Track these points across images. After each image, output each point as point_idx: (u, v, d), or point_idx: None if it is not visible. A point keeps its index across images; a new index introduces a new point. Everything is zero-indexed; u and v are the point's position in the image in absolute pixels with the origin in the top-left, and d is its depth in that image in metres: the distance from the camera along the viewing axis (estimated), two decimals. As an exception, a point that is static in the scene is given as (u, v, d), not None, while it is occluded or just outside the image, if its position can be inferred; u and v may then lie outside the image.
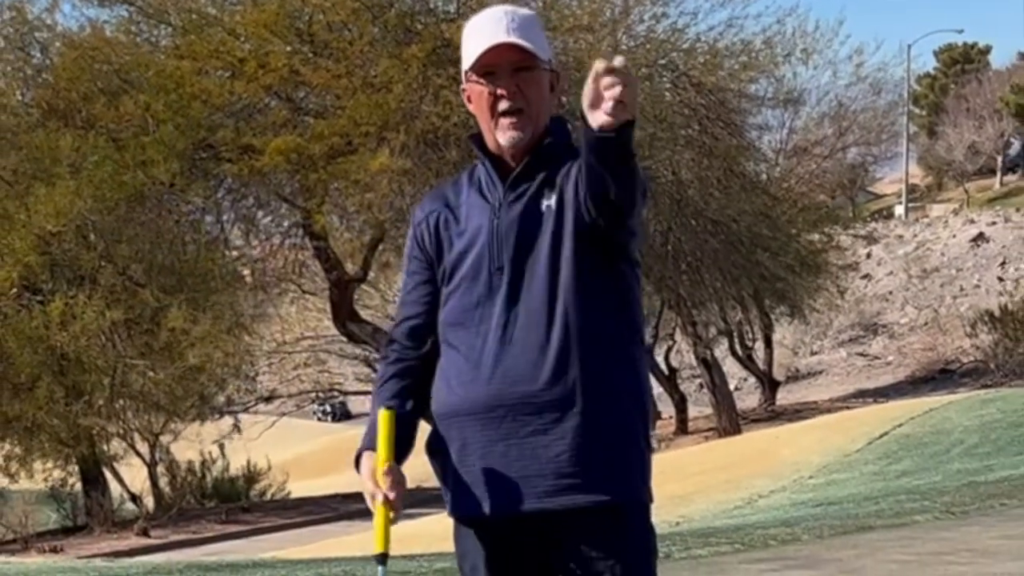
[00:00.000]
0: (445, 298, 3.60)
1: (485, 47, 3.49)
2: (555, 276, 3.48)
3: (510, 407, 3.46)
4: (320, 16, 28.03)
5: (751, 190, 33.46)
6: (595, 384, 3.47)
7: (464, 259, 3.56)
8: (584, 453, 3.47)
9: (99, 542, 25.62)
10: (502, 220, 3.53)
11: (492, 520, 3.53)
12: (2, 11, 29.10)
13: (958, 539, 10.42)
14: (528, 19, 3.60)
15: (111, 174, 26.94)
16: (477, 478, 3.52)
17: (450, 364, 3.58)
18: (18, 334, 26.30)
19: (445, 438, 3.58)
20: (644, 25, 30.55)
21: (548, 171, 3.55)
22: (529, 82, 3.53)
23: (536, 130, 3.54)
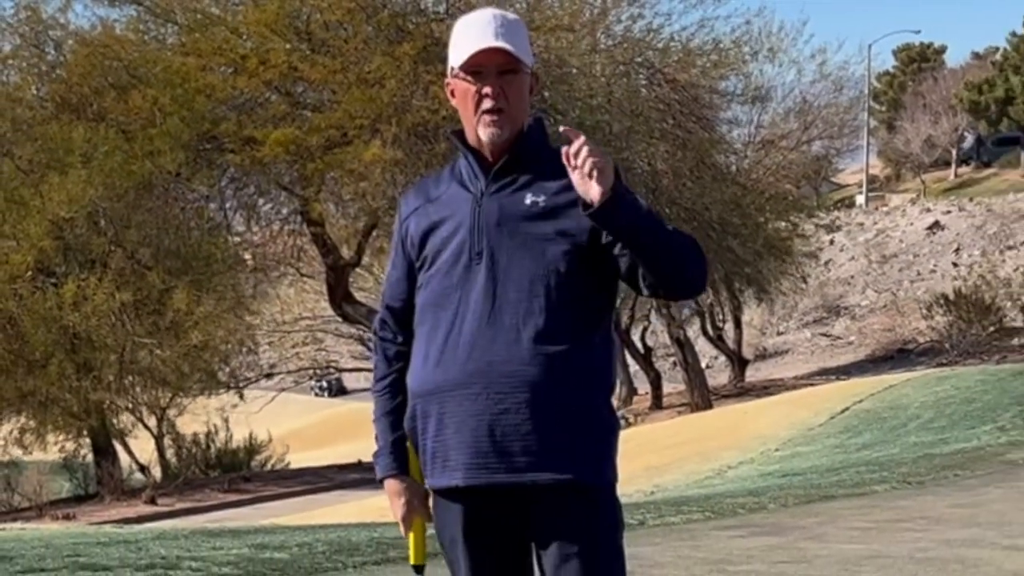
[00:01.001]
0: (425, 281, 3.59)
1: (474, 50, 3.49)
2: (536, 265, 3.47)
3: (484, 385, 3.45)
4: (317, 15, 27.99)
5: (722, 180, 33.49)
6: (566, 368, 3.46)
7: (446, 245, 3.55)
8: (552, 432, 3.46)
9: (109, 509, 25.59)
10: (483, 209, 3.52)
11: (466, 490, 3.52)
12: (18, 11, 29.03)
13: (914, 508, 10.43)
14: (515, 24, 3.58)
15: (121, 164, 26.91)
16: (452, 450, 3.51)
17: (428, 342, 3.56)
18: (33, 314, 26.26)
19: (422, 413, 3.57)
20: (621, 25, 30.55)
21: (528, 166, 3.54)
22: (512, 84, 3.52)
23: (515, 128, 3.54)
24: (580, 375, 3.50)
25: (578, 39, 28.42)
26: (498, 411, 3.46)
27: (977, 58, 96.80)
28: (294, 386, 48.04)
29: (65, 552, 8.85)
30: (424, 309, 3.60)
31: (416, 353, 3.61)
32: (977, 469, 13.29)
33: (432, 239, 3.59)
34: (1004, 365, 31.73)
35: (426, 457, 3.60)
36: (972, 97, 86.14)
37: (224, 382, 31.71)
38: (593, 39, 29.22)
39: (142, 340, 26.81)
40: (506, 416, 3.45)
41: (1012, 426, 17.51)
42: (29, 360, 26.66)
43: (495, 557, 3.60)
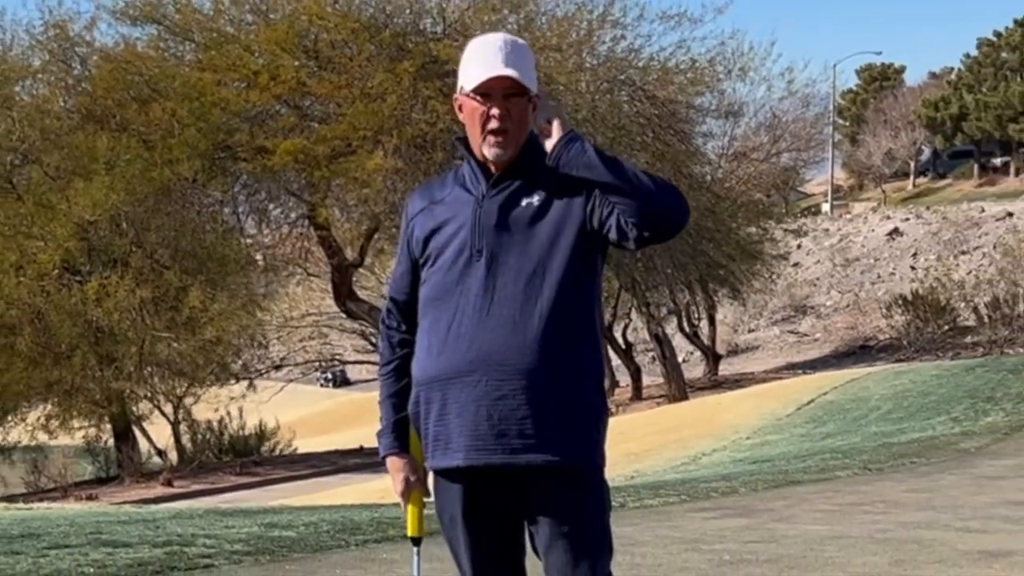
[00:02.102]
0: (428, 276, 3.60)
1: (485, 77, 3.51)
2: (532, 261, 3.48)
3: (483, 373, 3.45)
4: (324, 35, 27.98)
5: (697, 189, 33.46)
6: (560, 358, 3.46)
7: (448, 244, 3.56)
8: (547, 418, 3.46)
9: (129, 491, 25.57)
10: (484, 210, 3.53)
11: (465, 470, 3.52)
12: (47, 28, 29.03)
13: (874, 492, 10.45)
14: (523, 51, 3.60)
15: (141, 171, 26.91)
16: (453, 434, 3.51)
17: (431, 333, 3.57)
18: (59, 309, 26.24)
19: (426, 399, 3.57)
20: (605, 46, 30.57)
21: (528, 174, 3.55)
22: (517, 107, 3.54)
23: (516, 147, 3.56)
24: (573, 364, 3.50)
25: (565, 58, 28.44)
26: (496, 397, 3.46)
27: (934, 78, 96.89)
28: (301, 377, 48.10)
29: (88, 530, 8.84)
30: (427, 303, 3.60)
31: (420, 344, 3.62)
32: (932, 457, 13.30)
33: (436, 238, 3.59)
34: (957, 361, 31.76)
35: (428, 440, 3.59)
36: (929, 113, 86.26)
37: (236, 373, 31.73)
38: (579, 58, 29.23)
39: (160, 334, 26.79)
40: (503, 402, 3.45)
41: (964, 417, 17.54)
42: (55, 352, 26.63)
43: (492, 535, 3.60)
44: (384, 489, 17.66)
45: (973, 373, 22.74)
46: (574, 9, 29.69)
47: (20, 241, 26.74)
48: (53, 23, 28.99)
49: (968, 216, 58.61)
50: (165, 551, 7.63)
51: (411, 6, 28.49)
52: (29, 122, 28.26)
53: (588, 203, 3.50)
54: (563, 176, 3.50)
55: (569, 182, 3.50)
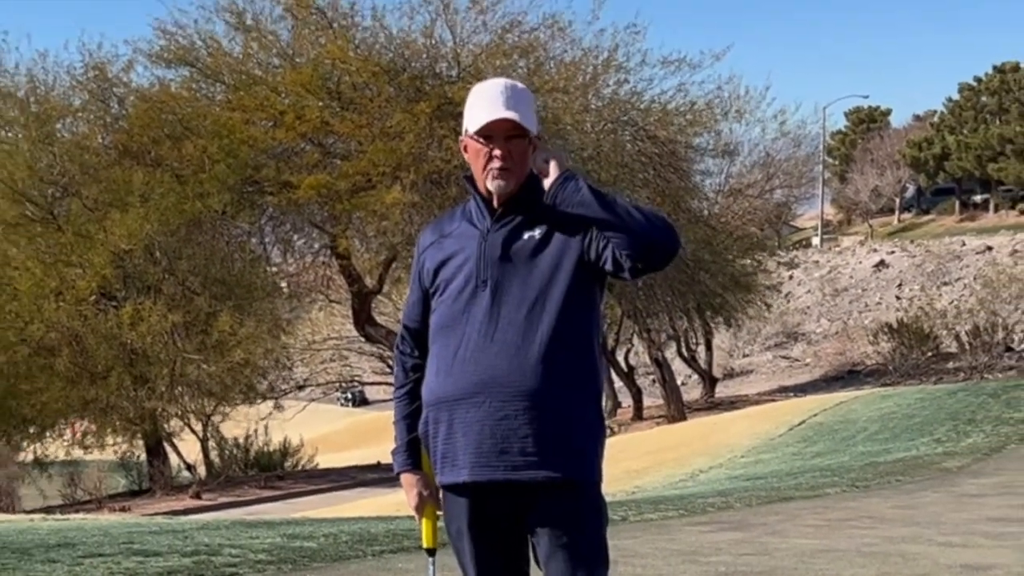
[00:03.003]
0: (437, 305, 3.62)
1: (487, 120, 3.54)
2: (533, 290, 3.49)
3: (488, 395, 3.46)
4: (347, 77, 28.07)
5: (695, 223, 33.48)
6: (560, 382, 3.47)
7: (456, 275, 3.58)
8: (547, 437, 3.47)
9: (160, 503, 25.53)
10: (488, 243, 3.55)
11: (471, 486, 3.53)
12: (87, 70, 29.17)
13: (861, 508, 10.40)
14: (523, 95, 3.61)
15: (174, 203, 26.97)
16: (459, 451, 3.52)
17: (440, 358, 3.58)
18: (96, 332, 26.28)
19: (434, 420, 3.58)
20: (609, 89, 30.65)
21: (529, 210, 3.57)
22: (517, 148, 3.56)
23: (518, 182, 3.57)
24: (572, 386, 3.50)
25: (572, 100, 28.51)
26: (499, 417, 3.46)
27: (918, 120, 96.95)
28: (323, 397, 48.05)
29: (121, 540, 8.83)
30: (436, 330, 3.62)
31: (429, 368, 3.63)
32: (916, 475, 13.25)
33: (444, 270, 3.61)
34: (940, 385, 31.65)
35: (437, 458, 3.60)
36: (913, 153, 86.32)
37: (262, 393, 31.70)
38: (585, 100, 29.30)
39: (191, 356, 26.81)
40: (506, 422, 3.46)
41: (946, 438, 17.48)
42: (92, 372, 26.67)
43: (496, 546, 3.60)
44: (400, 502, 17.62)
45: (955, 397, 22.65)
46: (580, 55, 29.79)
47: (60, 268, 26.80)
48: (93, 65, 29.13)
49: (950, 249, 58.54)
50: (193, 560, 7.62)
51: (428, 51, 28.60)
52: (69, 157, 28.37)
53: (586, 237, 3.51)
54: (562, 212, 3.52)
55: (568, 217, 3.52)
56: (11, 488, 24.46)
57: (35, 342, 26.28)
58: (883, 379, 41.23)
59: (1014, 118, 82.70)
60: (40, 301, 26.21)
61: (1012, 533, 8.47)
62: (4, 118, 29.01)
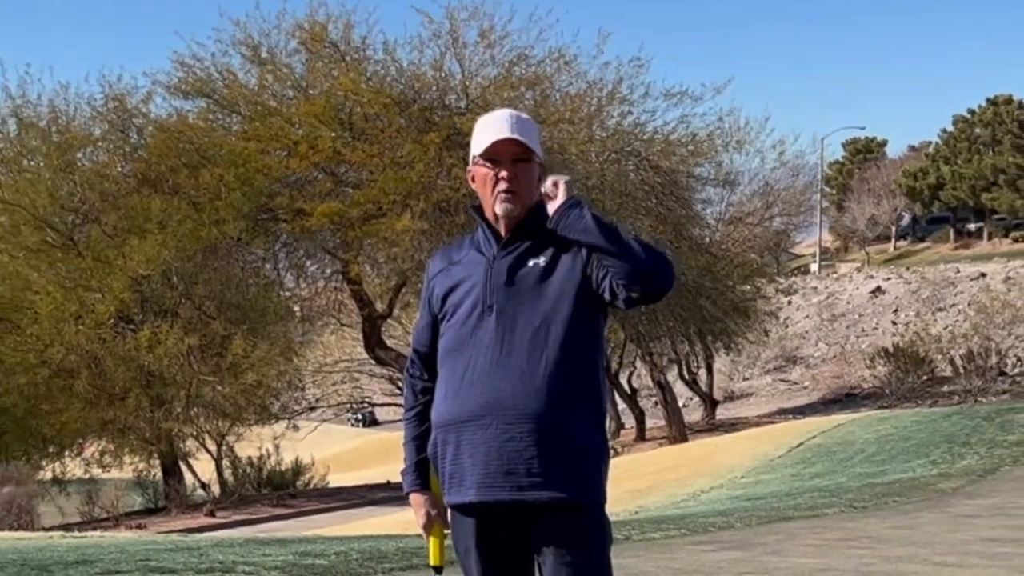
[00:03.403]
0: (446, 330, 3.63)
1: (493, 139, 3.55)
2: (538, 316, 3.50)
3: (495, 416, 3.46)
4: (359, 109, 28.16)
5: (696, 250, 33.49)
6: (564, 405, 3.47)
7: (463, 301, 3.59)
8: (552, 458, 3.46)
9: (175, 521, 25.49)
10: (495, 270, 3.56)
11: (478, 505, 3.53)
12: (107, 101, 29.30)
13: (859, 528, 10.37)
14: (527, 123, 3.63)
15: (191, 230, 27.03)
16: (467, 472, 3.52)
17: (448, 381, 3.59)
18: (114, 355, 26.30)
19: (442, 441, 3.59)
20: (614, 120, 30.70)
21: (534, 237, 3.58)
22: (523, 171, 3.57)
23: (524, 207, 3.58)
24: (576, 409, 3.50)
25: (577, 131, 28.56)
26: (505, 439, 3.46)
27: (913, 150, 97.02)
28: (334, 418, 48.00)
29: (137, 557, 8.81)
30: (445, 354, 3.62)
31: (438, 391, 3.63)
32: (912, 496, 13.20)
33: (452, 296, 3.62)
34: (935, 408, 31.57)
35: (445, 478, 3.61)
36: (909, 183, 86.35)
37: (275, 414, 31.67)
38: (590, 131, 29.35)
39: (206, 378, 26.81)
40: (512, 444, 3.46)
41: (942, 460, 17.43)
42: (110, 394, 26.67)
43: (503, 564, 3.59)
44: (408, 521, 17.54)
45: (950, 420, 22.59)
46: (585, 87, 29.87)
47: (80, 293, 26.84)
48: (113, 96, 29.25)
49: (944, 276, 58.47)
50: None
51: (437, 83, 28.68)
52: (90, 185, 28.46)
53: (588, 264, 3.51)
54: (566, 239, 3.52)
55: (572, 244, 3.53)
56: (30, 506, 24.37)
57: (55, 364, 26.30)
58: (880, 402, 41.15)
59: (1007, 149, 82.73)
60: (60, 324, 26.24)
61: (1005, 553, 8.44)
62: (27, 147, 29.10)
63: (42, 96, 29.02)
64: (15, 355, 26.07)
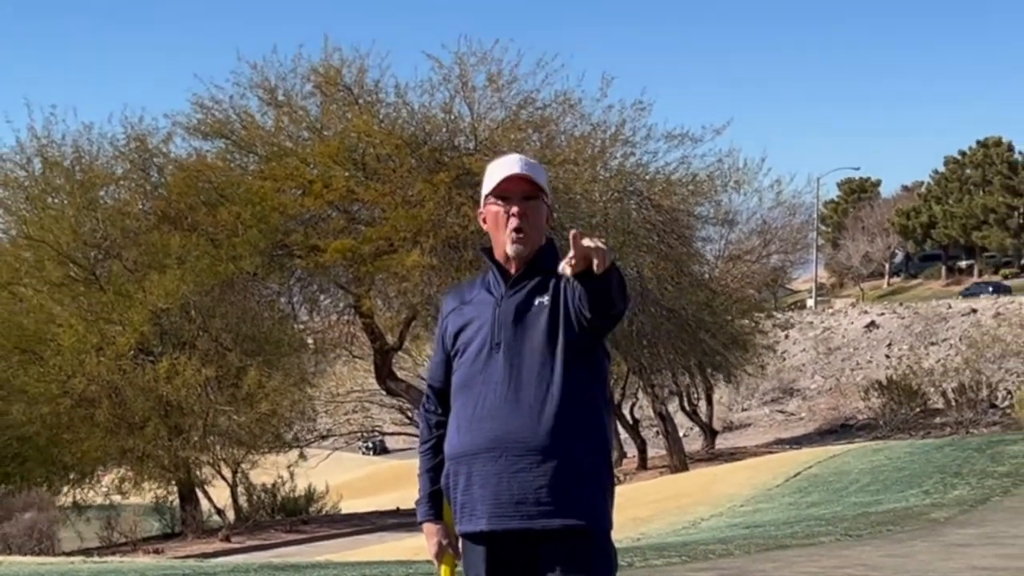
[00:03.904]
0: (458, 367, 3.67)
1: (504, 176, 3.59)
2: (545, 354, 3.53)
3: (504, 449, 3.49)
4: (371, 150, 28.26)
5: (697, 286, 33.49)
6: (571, 437, 3.49)
7: (473, 339, 3.63)
8: (560, 488, 3.49)
9: (191, 546, 25.42)
10: (502, 309, 3.59)
11: (489, 534, 3.55)
12: (129, 141, 29.43)
13: (854, 556, 10.32)
14: (536, 165, 3.69)
15: (208, 265, 27.09)
16: (478, 502, 3.55)
17: (460, 416, 3.62)
18: (134, 385, 26.31)
19: (454, 472, 3.62)
20: (617, 161, 30.80)
21: (541, 277, 3.61)
22: (533, 209, 3.60)
23: (534, 247, 3.62)
24: (582, 441, 3.53)
25: (582, 171, 28.64)
26: (515, 471, 3.49)
27: (906, 190, 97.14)
28: (345, 446, 47.94)
29: (156, 581, 8.79)
30: (457, 389, 3.66)
31: (451, 424, 3.67)
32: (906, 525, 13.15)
33: (464, 334, 3.66)
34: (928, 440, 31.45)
35: (456, 508, 3.63)
36: (902, 221, 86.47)
37: (288, 442, 31.61)
38: (594, 171, 29.42)
39: (222, 408, 26.81)
40: (521, 475, 3.49)
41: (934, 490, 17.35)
42: (130, 423, 26.67)
43: (513, 591, 3.61)
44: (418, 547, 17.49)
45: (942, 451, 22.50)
46: (590, 129, 29.98)
47: (101, 326, 26.88)
48: (134, 137, 29.38)
49: (937, 312, 58.35)
50: (223, 601, 7.58)
51: (447, 125, 28.80)
52: (111, 222, 28.55)
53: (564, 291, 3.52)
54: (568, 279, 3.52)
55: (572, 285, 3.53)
56: (51, 531, 24.34)
57: (77, 394, 26.31)
58: (874, 433, 41.01)
59: (996, 189, 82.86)
60: (82, 356, 26.27)
61: (997, 581, 8.40)
62: (51, 185, 29.21)
63: (66, 136, 29.20)
64: (38, 385, 26.09)
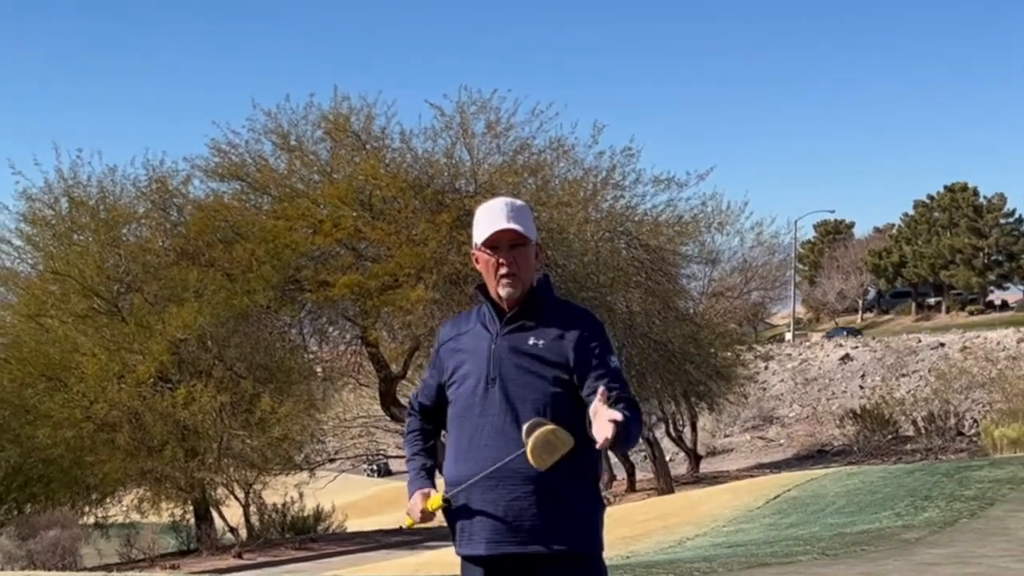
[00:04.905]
0: (454, 397, 3.65)
1: (492, 231, 3.57)
2: (536, 390, 3.52)
3: (500, 479, 3.48)
4: (378, 192, 28.33)
5: (682, 320, 33.53)
6: (564, 468, 3.45)
7: (470, 373, 3.61)
8: (552, 515, 3.49)
9: (205, 562, 25.29)
10: (498, 346, 3.59)
11: (485, 558, 3.55)
12: (150, 183, 29.55)
13: (830, 574, 10.27)
14: (521, 209, 3.64)
15: (224, 299, 27.09)
16: (475, 528, 3.54)
17: (457, 444, 3.62)
18: (153, 411, 26.26)
19: (453, 499, 3.60)
20: (607, 203, 30.90)
21: (534, 315, 3.60)
22: (521, 255, 3.59)
23: (525, 287, 3.60)
24: (574, 471, 3.52)
25: (574, 212, 28.71)
26: (510, 499, 3.50)
27: (878, 231, 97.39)
28: (351, 468, 47.76)
29: (171, 595, 8.73)
30: (453, 419, 3.66)
31: (448, 452, 3.67)
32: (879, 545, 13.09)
33: (460, 367, 3.65)
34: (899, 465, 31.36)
35: (455, 530, 3.63)
36: (874, 261, 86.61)
37: (298, 464, 31.51)
38: (586, 213, 29.51)
39: (236, 432, 26.74)
40: (516, 502, 3.50)
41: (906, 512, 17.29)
42: (149, 446, 26.59)
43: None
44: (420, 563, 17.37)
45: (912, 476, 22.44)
46: (582, 174, 30.09)
47: (123, 355, 26.85)
48: (156, 178, 29.48)
49: (907, 345, 58.34)
50: (235, 614, 7.53)
51: (448, 169, 28.89)
52: (133, 258, 28.58)
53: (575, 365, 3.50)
54: (560, 321, 3.56)
55: (563, 326, 3.56)
56: (73, 548, 24.25)
57: (99, 419, 26.25)
58: (848, 458, 40.90)
59: (963, 231, 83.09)
60: (104, 383, 26.22)
61: (965, 598, 8.36)
62: (77, 223, 29.26)
63: (92, 177, 29.27)
64: (63, 411, 26.03)
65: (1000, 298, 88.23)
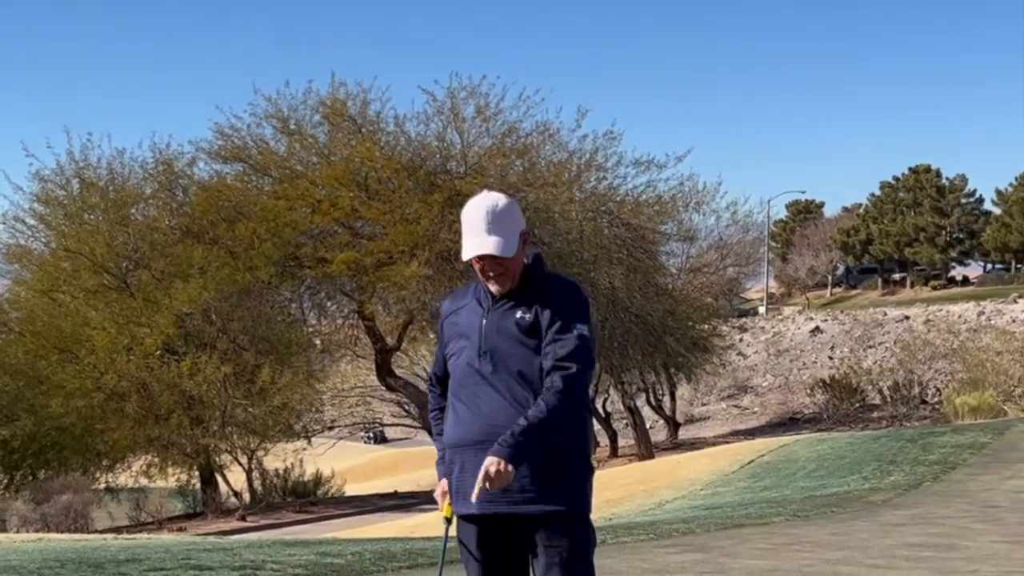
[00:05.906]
0: (453, 367, 3.68)
1: (472, 255, 3.54)
2: (524, 360, 3.53)
3: (492, 442, 3.48)
4: (373, 173, 28.26)
5: (661, 295, 33.55)
6: None
7: (466, 345, 3.63)
8: (543, 477, 3.50)
9: (211, 524, 25.31)
10: (488, 321, 3.60)
11: (478, 516, 3.57)
12: (157, 165, 29.40)
13: (802, 534, 10.32)
14: (504, 213, 3.55)
15: (228, 275, 27.04)
16: (469, 488, 3.53)
17: (455, 410, 3.65)
18: (160, 381, 26.23)
19: (450, 459, 3.64)
20: (591, 184, 30.87)
21: (524, 293, 3.59)
22: (506, 263, 3.56)
23: (515, 278, 3.60)
24: (562, 435, 3.54)
25: (559, 193, 28.68)
26: None
27: (846, 211, 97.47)
28: (349, 436, 47.83)
29: (180, 556, 8.75)
30: (452, 387, 3.69)
31: (447, 416, 3.70)
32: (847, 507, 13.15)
33: (456, 339, 3.68)
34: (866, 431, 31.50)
35: (452, 491, 3.64)
36: (843, 239, 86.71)
37: (298, 432, 31.52)
38: (571, 193, 29.48)
39: (239, 401, 26.73)
40: None
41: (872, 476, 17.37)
42: (156, 414, 26.57)
43: (501, 565, 3.64)
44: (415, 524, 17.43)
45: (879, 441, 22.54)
46: (567, 156, 30.03)
47: (131, 328, 26.80)
48: (162, 161, 29.35)
49: (874, 318, 58.52)
50: (241, 574, 7.54)
51: (440, 152, 28.81)
52: (141, 236, 28.49)
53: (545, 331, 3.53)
54: (545, 293, 3.56)
55: (546, 297, 3.56)
56: (85, 511, 24.21)
57: (109, 389, 26.21)
58: (818, 425, 41.07)
59: (927, 211, 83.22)
60: (114, 355, 26.18)
61: (928, 557, 8.41)
62: (87, 203, 29.13)
63: (101, 160, 29.15)
64: (74, 381, 25.98)
65: (961, 274, 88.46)
